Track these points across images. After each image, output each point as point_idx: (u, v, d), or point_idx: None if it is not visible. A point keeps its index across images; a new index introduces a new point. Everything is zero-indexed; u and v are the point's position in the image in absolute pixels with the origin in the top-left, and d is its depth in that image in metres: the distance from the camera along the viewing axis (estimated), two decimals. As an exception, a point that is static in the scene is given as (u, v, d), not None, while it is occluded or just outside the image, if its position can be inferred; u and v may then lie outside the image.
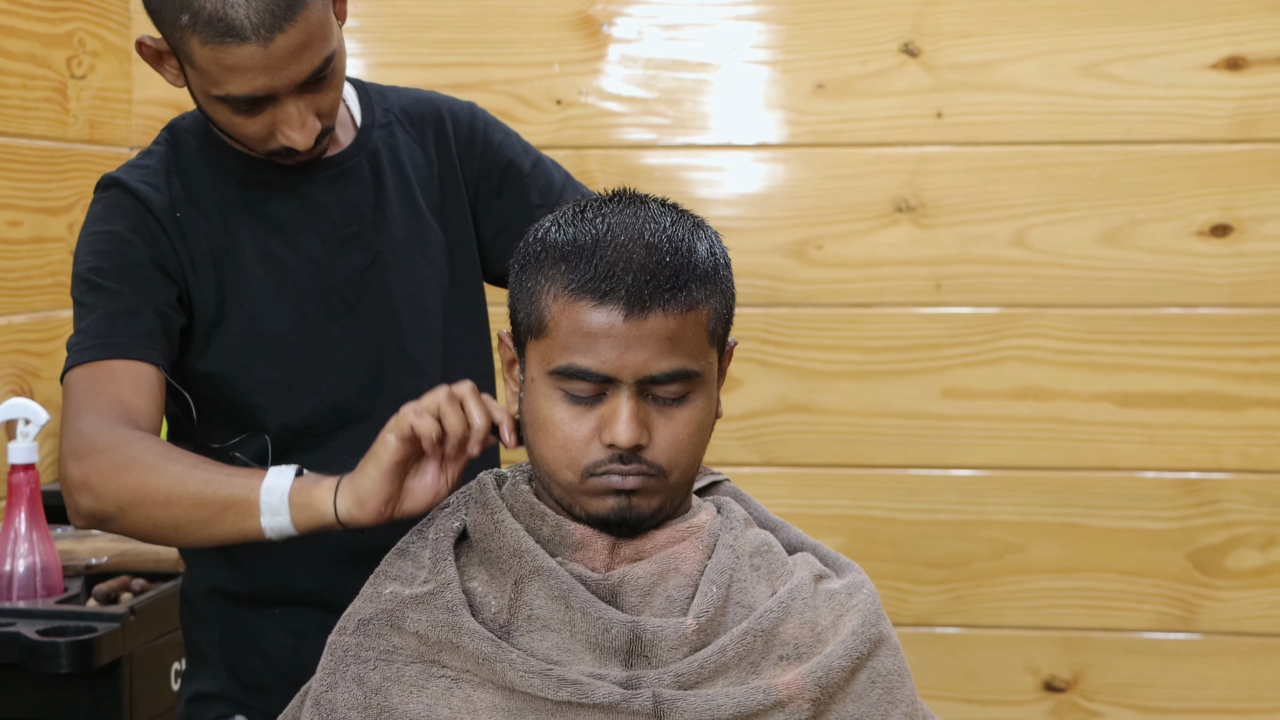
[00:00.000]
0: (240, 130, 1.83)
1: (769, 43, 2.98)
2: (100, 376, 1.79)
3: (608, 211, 1.53)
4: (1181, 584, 2.95)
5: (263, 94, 1.78)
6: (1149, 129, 2.90)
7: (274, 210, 1.93)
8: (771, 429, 3.00)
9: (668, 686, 1.46)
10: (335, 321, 1.94)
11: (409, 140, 2.02)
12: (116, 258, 1.85)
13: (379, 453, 1.60)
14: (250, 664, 1.99)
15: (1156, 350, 2.93)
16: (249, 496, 1.67)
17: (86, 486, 1.72)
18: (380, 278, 1.95)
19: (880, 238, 2.96)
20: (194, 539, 1.71)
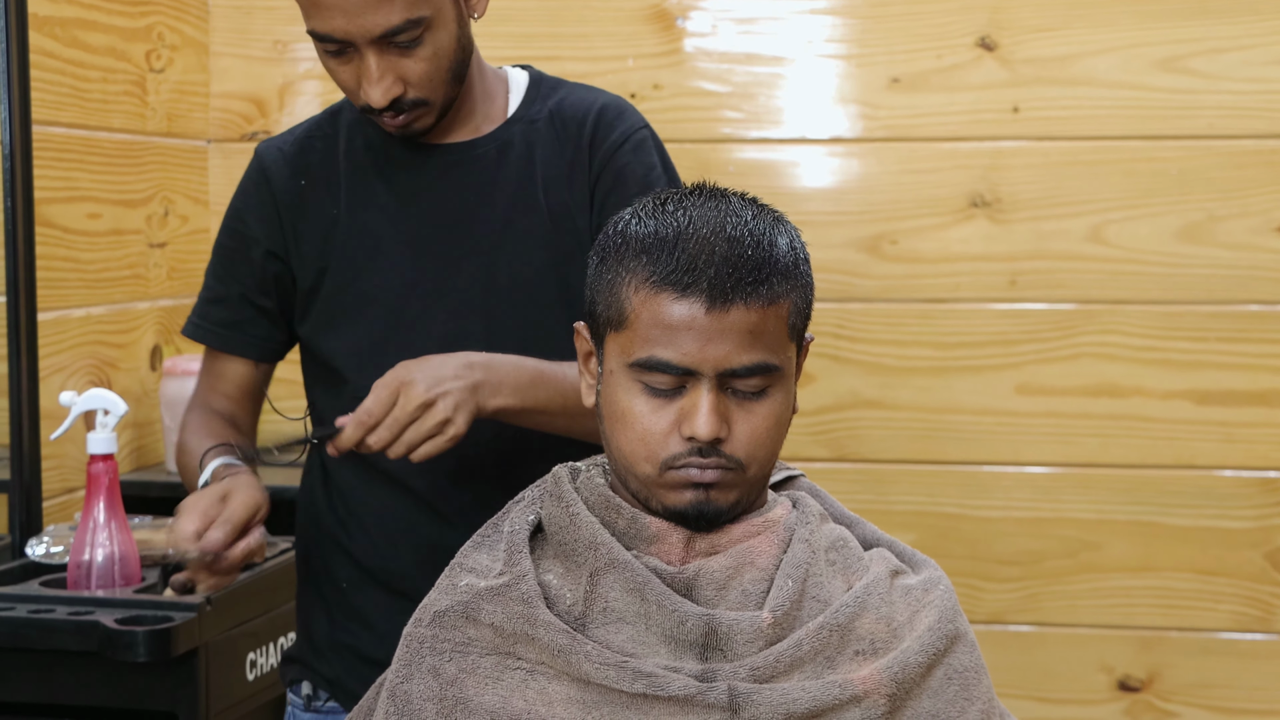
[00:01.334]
0: (337, 78, 1.90)
1: (843, 36, 2.97)
2: (205, 361, 2.12)
3: (689, 204, 1.53)
4: (1259, 584, 2.92)
5: (340, 37, 1.84)
6: (1228, 124, 2.87)
7: (382, 187, 1.99)
8: (844, 424, 2.99)
9: (743, 680, 1.46)
10: (419, 300, 1.98)
11: (552, 139, 2.01)
12: (227, 240, 2.07)
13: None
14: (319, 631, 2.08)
15: (1235, 347, 2.90)
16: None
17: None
18: (471, 266, 1.98)
19: (955, 233, 2.95)
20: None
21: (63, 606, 2.23)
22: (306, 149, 2.03)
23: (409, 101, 1.89)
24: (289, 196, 2.01)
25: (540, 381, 1.88)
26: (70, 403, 2.41)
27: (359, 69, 1.87)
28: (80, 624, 2.16)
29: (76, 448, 2.70)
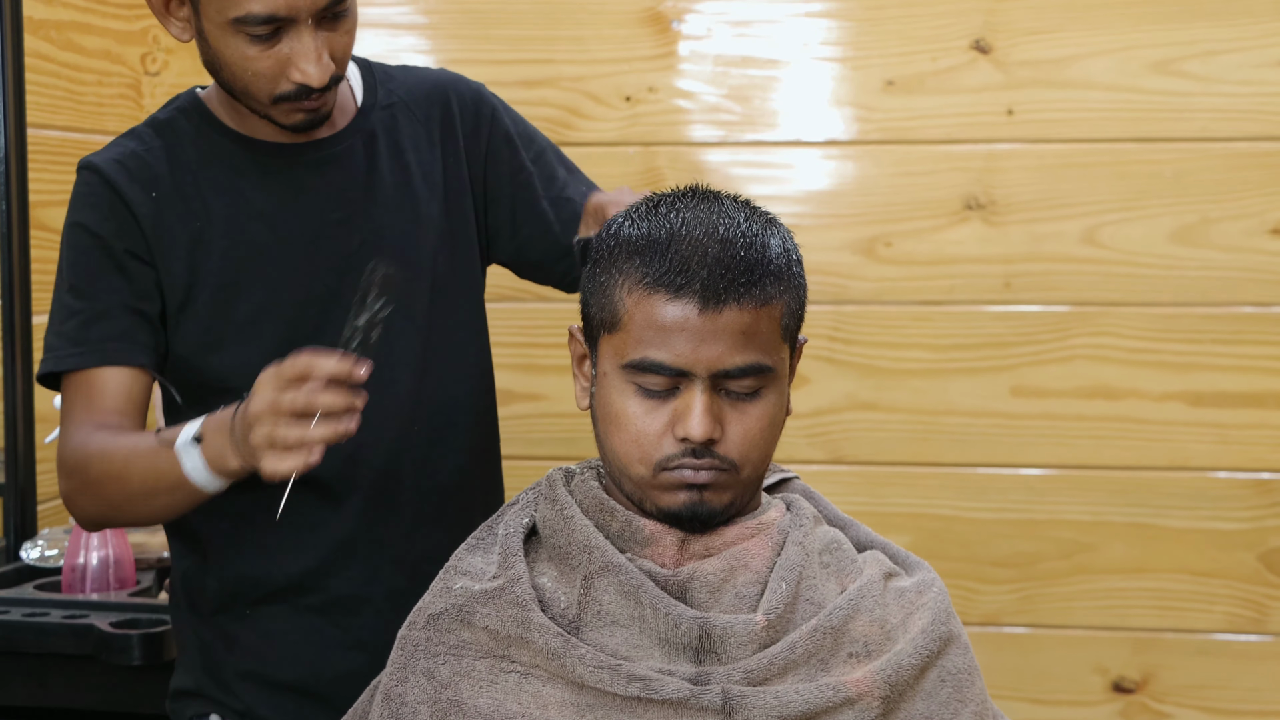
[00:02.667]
0: (252, 66, 1.80)
1: (838, 39, 2.97)
2: (82, 387, 1.85)
3: (681, 206, 1.54)
4: (1253, 585, 2.92)
5: (284, 14, 1.76)
6: (1223, 126, 2.87)
7: (256, 194, 1.90)
8: (839, 426, 2.99)
9: (737, 683, 1.47)
10: (313, 306, 1.90)
11: (412, 123, 1.99)
12: (90, 255, 1.87)
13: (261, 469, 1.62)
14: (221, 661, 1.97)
15: (1229, 349, 2.90)
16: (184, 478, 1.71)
17: (72, 500, 1.83)
18: (369, 261, 1.91)
19: (950, 235, 2.95)
20: (175, 513, 1.80)
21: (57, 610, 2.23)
22: (146, 162, 1.90)
23: (332, 79, 1.82)
24: (143, 209, 1.88)
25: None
26: (65, 406, 2.41)
27: (289, 51, 1.79)
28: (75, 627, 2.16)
29: (72, 451, 2.70)
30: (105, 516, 1.85)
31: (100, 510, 1.82)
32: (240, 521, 1.91)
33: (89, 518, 1.85)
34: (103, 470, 1.79)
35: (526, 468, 2.97)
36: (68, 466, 1.83)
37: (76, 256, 1.88)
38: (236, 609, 1.94)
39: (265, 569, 1.93)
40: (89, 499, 1.81)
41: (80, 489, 1.81)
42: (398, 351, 1.93)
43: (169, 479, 1.73)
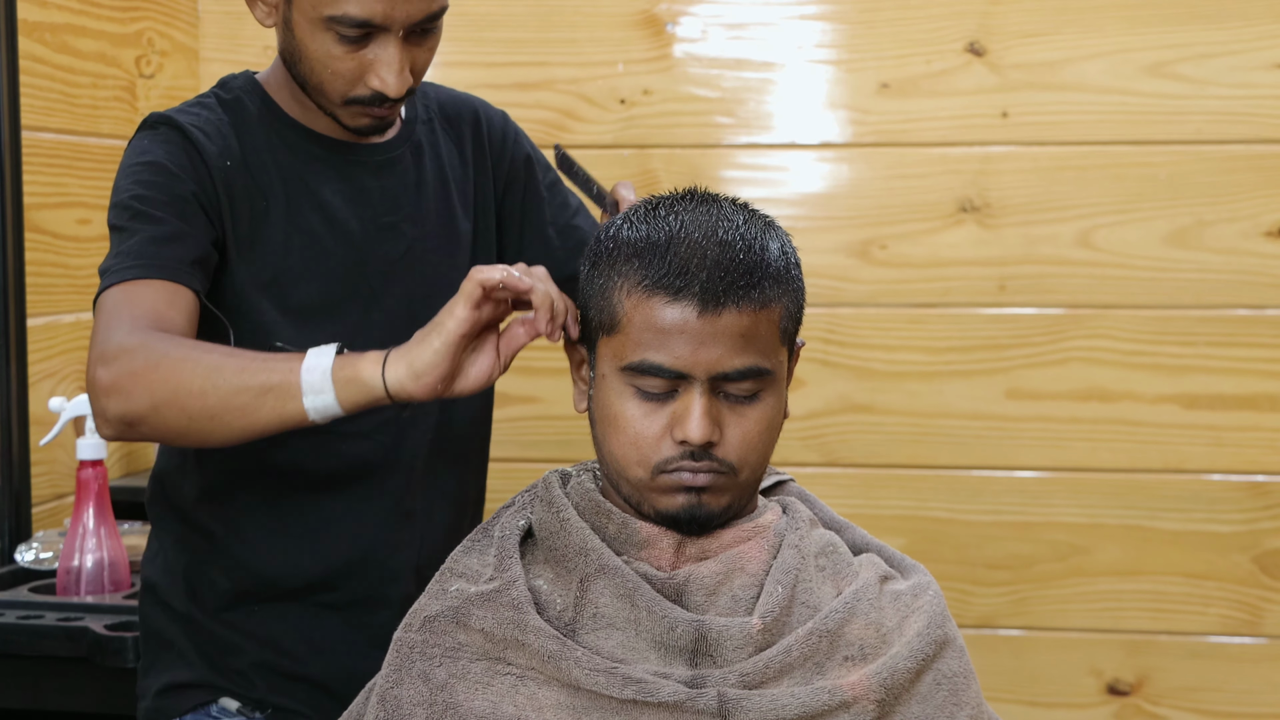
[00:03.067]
0: (333, 65, 1.81)
1: (833, 42, 2.97)
2: (138, 293, 1.73)
3: (680, 209, 1.54)
4: (1248, 587, 2.93)
5: (378, 21, 1.77)
6: (1217, 129, 2.88)
7: (319, 186, 1.91)
8: (834, 429, 2.99)
9: (732, 686, 1.47)
10: (358, 306, 1.91)
11: (446, 139, 2.02)
12: (163, 187, 1.80)
13: (444, 324, 1.57)
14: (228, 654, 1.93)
15: (1223, 352, 2.90)
16: (288, 379, 1.62)
17: (116, 389, 1.66)
18: (410, 270, 1.94)
19: (944, 238, 2.95)
20: (232, 430, 1.65)
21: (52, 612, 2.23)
22: (221, 130, 1.87)
23: (408, 91, 1.84)
24: (219, 171, 1.84)
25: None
26: (60, 408, 2.42)
27: (373, 57, 1.80)
28: (70, 630, 2.16)
29: (66, 453, 2.70)
30: (146, 413, 1.66)
31: (145, 402, 1.65)
32: (258, 518, 1.90)
33: (125, 413, 1.67)
34: (173, 355, 1.66)
35: (523, 470, 2.98)
36: (115, 350, 1.67)
37: (149, 187, 1.79)
38: (246, 605, 1.92)
39: (282, 568, 1.91)
40: (140, 386, 1.65)
41: (129, 375, 1.65)
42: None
43: (262, 379, 1.63)
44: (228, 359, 1.65)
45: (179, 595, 1.93)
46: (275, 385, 1.62)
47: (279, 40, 1.87)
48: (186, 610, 1.93)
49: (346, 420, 1.70)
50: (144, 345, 1.67)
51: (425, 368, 1.58)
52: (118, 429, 1.69)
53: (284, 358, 1.64)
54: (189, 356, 1.65)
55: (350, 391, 1.61)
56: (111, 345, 1.68)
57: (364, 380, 1.61)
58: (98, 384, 1.68)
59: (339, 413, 1.63)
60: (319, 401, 1.62)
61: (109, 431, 1.70)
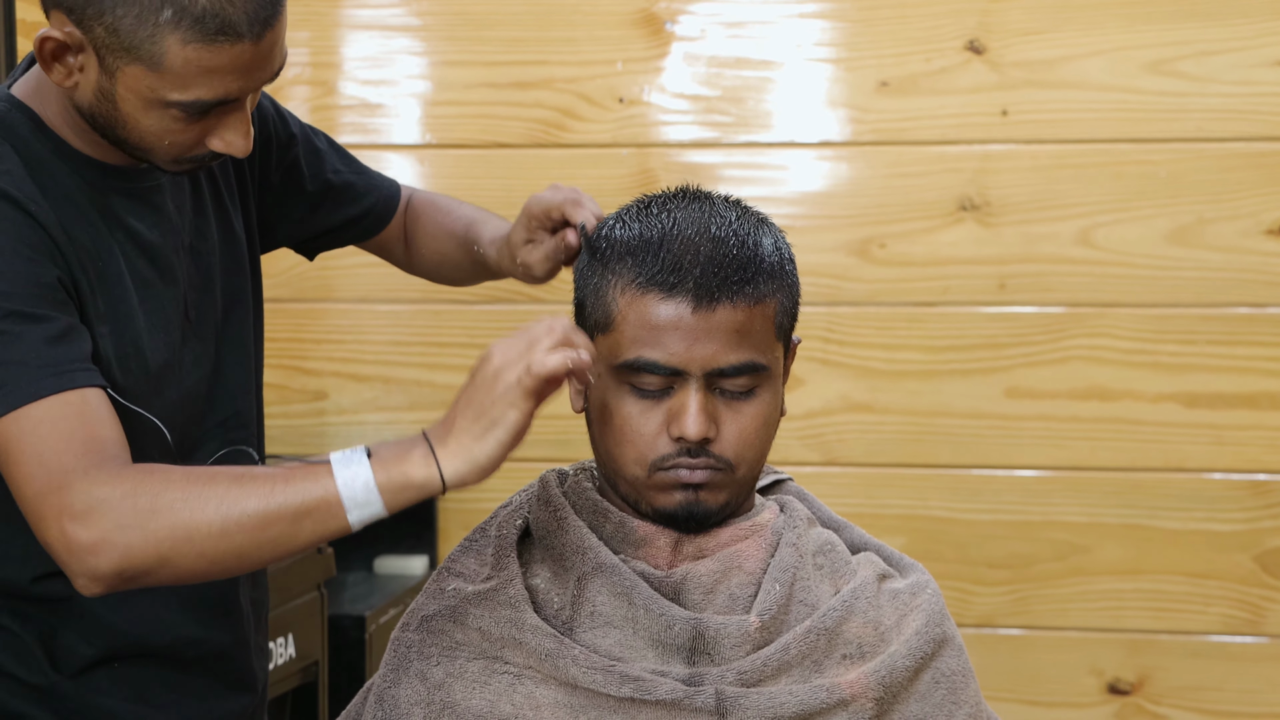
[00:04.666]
0: (171, 138, 1.60)
1: (832, 40, 2.97)
2: (56, 412, 1.51)
3: (673, 206, 1.54)
4: (1249, 586, 2.92)
5: (235, 96, 1.58)
6: (1218, 126, 2.87)
7: (136, 224, 1.69)
8: (833, 428, 2.99)
9: (730, 684, 1.47)
10: (186, 346, 1.75)
11: None
12: (25, 278, 1.56)
13: (507, 418, 1.45)
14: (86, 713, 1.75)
15: (1224, 350, 2.90)
16: (326, 496, 1.47)
17: (106, 545, 1.47)
18: (210, 293, 1.78)
19: (944, 236, 2.95)
20: (261, 561, 1.52)
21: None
22: (26, 181, 1.61)
23: None
24: (61, 240, 1.61)
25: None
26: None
27: (216, 123, 1.60)
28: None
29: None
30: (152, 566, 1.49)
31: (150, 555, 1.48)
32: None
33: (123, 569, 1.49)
34: (169, 494, 1.48)
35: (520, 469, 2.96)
36: (87, 501, 1.48)
37: (10, 273, 1.55)
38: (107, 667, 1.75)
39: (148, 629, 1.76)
40: (137, 538, 1.47)
41: (119, 529, 1.47)
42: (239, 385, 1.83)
43: (295, 502, 1.47)
44: (237, 487, 1.48)
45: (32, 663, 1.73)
46: (313, 508, 1.47)
47: (82, 100, 1.61)
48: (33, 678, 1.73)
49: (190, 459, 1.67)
50: (123, 488, 1.48)
51: (489, 464, 1.47)
52: (110, 585, 1.51)
53: (305, 472, 1.49)
54: (191, 493, 1.48)
55: (401, 499, 1.48)
56: (77, 497, 1.48)
57: (417, 484, 1.47)
58: (76, 543, 1.48)
59: (384, 516, 1.50)
60: (365, 514, 1.48)
61: (98, 589, 1.51)
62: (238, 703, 1.86)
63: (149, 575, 1.50)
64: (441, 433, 1.48)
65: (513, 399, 1.45)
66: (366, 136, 3.07)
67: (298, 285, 2.55)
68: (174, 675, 1.79)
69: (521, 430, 1.46)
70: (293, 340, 3.04)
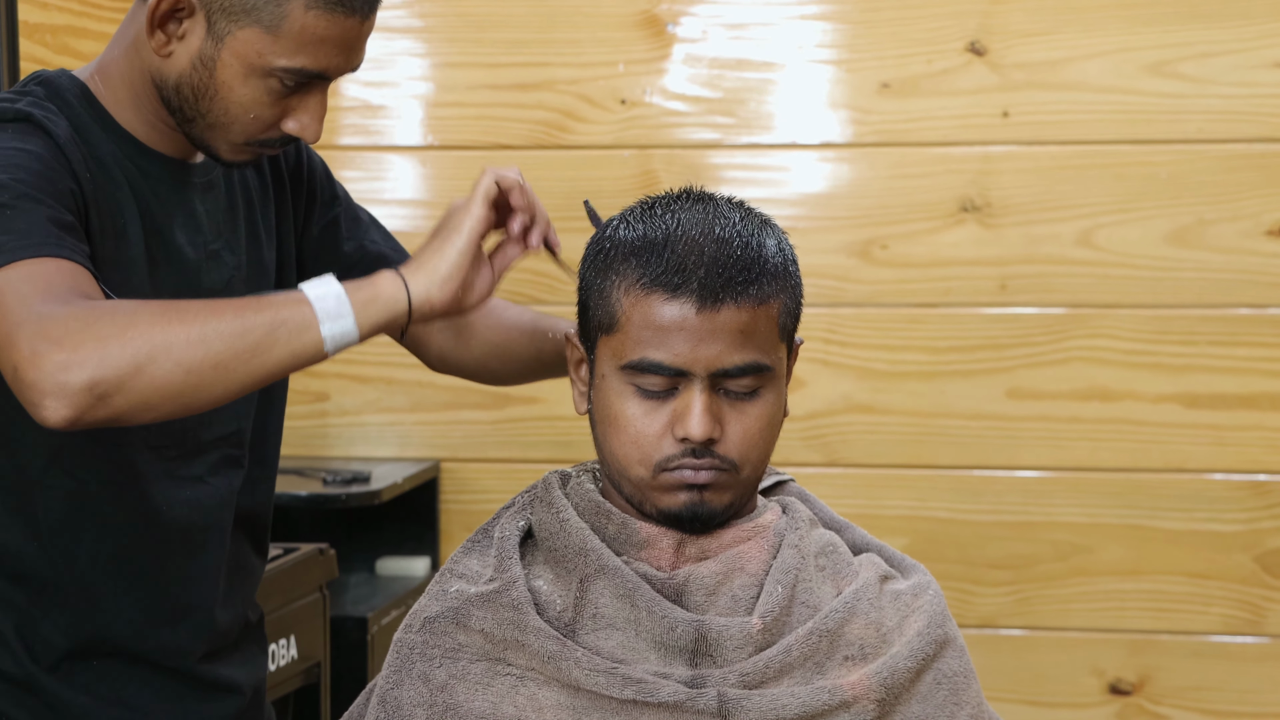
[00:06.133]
0: (258, 112, 1.66)
1: (834, 42, 2.97)
2: (50, 270, 1.50)
3: (676, 207, 1.55)
4: (1250, 587, 2.93)
5: (331, 72, 1.66)
6: (1218, 128, 2.88)
7: (158, 207, 1.74)
8: (835, 429, 2.99)
9: (732, 686, 1.47)
10: None
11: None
12: (46, 178, 1.59)
13: (462, 224, 1.56)
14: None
15: (1225, 351, 2.90)
16: (299, 309, 1.49)
17: (77, 358, 1.42)
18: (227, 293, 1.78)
19: (945, 237, 2.95)
20: (236, 378, 1.48)
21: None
22: (68, 133, 1.66)
23: None
24: (84, 180, 1.65)
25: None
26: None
27: (297, 105, 1.67)
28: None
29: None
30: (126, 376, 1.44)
31: (125, 362, 1.44)
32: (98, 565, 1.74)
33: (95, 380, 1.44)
34: (147, 309, 1.48)
35: (523, 471, 2.98)
36: (59, 317, 1.44)
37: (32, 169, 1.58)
38: (84, 663, 1.76)
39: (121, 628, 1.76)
40: (112, 347, 1.43)
41: (95, 340, 1.43)
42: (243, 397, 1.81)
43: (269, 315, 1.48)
44: (212, 305, 1.49)
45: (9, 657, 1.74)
46: (286, 319, 1.49)
47: (170, 71, 1.66)
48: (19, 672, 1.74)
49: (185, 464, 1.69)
50: (99, 307, 1.47)
51: (450, 272, 1.55)
52: (80, 406, 1.44)
53: (278, 295, 1.53)
54: (168, 308, 1.48)
55: (371, 312, 1.52)
56: (49, 315, 1.44)
57: (385, 298, 1.53)
58: (48, 360, 1.43)
59: (355, 340, 1.53)
60: (336, 328, 1.50)
61: (67, 412, 1.43)
62: (220, 707, 1.85)
63: (121, 391, 1.44)
64: (408, 263, 1.58)
65: (468, 207, 1.57)
66: (369, 138, 3.07)
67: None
68: (149, 676, 1.79)
69: (476, 234, 1.56)
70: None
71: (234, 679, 1.87)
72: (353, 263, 1.95)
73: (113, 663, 1.77)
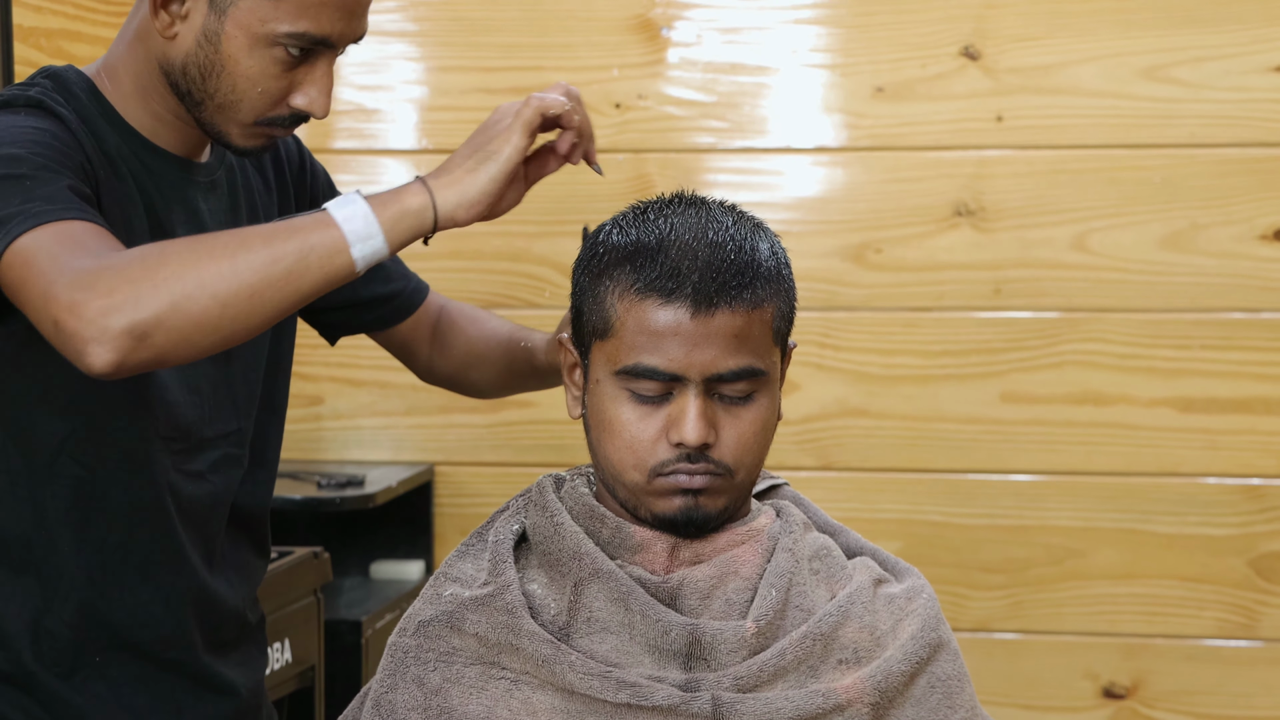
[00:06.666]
0: (265, 84, 1.65)
1: (828, 46, 2.97)
2: (78, 231, 1.51)
3: (669, 212, 1.55)
4: (1243, 590, 2.93)
5: (335, 39, 1.65)
6: (1211, 132, 2.88)
7: (164, 205, 1.73)
8: (829, 433, 3.00)
9: (727, 689, 1.47)
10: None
11: (249, 160, 1.86)
12: (62, 154, 1.60)
13: (501, 152, 1.55)
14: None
15: (1218, 355, 2.91)
16: (329, 232, 1.50)
17: (113, 304, 1.44)
18: None
19: (939, 241, 2.95)
20: (272, 306, 1.49)
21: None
22: (78, 125, 1.67)
23: None
24: (96, 168, 1.66)
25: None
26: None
27: (304, 77, 1.67)
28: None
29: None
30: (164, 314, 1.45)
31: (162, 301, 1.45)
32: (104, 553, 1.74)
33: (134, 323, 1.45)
34: (174, 248, 1.49)
35: (517, 474, 2.98)
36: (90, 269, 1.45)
37: (49, 145, 1.59)
38: (86, 660, 1.76)
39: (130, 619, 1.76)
40: (146, 288, 1.44)
41: (127, 283, 1.44)
42: (242, 404, 1.83)
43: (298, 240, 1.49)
44: (240, 235, 1.51)
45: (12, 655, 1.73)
46: (315, 244, 1.49)
47: (177, 53, 1.67)
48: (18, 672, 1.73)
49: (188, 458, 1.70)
50: (131, 253, 1.48)
51: (479, 196, 1.55)
52: (123, 349, 1.45)
53: (305, 218, 1.52)
54: (197, 244, 1.49)
55: (401, 229, 1.53)
56: (83, 267, 1.46)
57: (413, 212, 1.53)
58: (83, 308, 1.44)
59: (385, 256, 1.53)
60: (367, 249, 1.51)
61: (111, 355, 1.45)
62: (216, 708, 1.85)
63: (161, 328, 1.45)
64: (437, 172, 1.56)
65: (509, 133, 1.55)
66: (363, 142, 3.07)
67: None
68: (150, 673, 1.78)
69: (514, 164, 1.55)
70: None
71: (231, 679, 1.87)
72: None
73: (114, 659, 1.76)
